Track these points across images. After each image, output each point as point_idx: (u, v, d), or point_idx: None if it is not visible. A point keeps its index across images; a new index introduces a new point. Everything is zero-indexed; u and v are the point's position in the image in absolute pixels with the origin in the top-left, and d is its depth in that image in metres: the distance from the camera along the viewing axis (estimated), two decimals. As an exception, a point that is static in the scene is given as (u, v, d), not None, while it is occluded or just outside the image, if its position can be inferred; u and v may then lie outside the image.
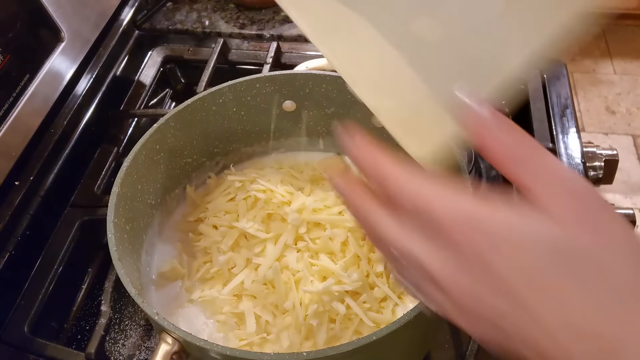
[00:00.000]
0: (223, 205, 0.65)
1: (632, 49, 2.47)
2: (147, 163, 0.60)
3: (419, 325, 0.50)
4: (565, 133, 0.77)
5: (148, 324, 0.65)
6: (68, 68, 0.77)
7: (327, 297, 0.55)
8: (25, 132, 0.70)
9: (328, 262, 0.58)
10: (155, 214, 0.64)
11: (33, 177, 0.70)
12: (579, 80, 2.35)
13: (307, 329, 0.54)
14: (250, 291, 0.57)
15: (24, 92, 0.68)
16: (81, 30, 0.79)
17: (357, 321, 0.55)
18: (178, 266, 0.61)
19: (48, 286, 0.65)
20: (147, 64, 0.91)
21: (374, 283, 0.57)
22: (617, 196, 1.93)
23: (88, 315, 0.67)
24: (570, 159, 0.74)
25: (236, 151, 0.71)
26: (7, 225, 0.66)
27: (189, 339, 0.44)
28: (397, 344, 0.48)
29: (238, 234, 0.61)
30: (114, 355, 0.63)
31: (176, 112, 0.61)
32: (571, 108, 0.80)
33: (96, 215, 0.71)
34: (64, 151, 0.76)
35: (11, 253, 0.66)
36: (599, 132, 2.15)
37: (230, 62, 0.91)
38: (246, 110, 0.67)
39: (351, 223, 0.60)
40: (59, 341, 0.65)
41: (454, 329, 0.64)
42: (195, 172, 0.69)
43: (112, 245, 0.50)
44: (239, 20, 0.98)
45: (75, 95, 0.79)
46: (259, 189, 0.64)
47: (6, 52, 0.66)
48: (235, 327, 0.57)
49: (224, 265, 0.59)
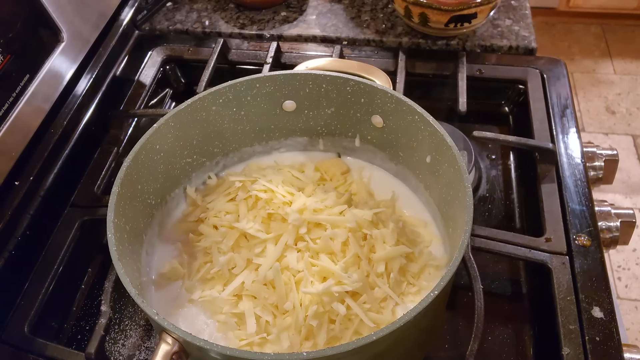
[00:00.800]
0: (223, 206, 0.65)
1: (632, 49, 2.47)
2: (147, 163, 0.60)
3: (419, 325, 0.50)
4: (565, 133, 0.77)
5: (148, 324, 0.65)
6: (68, 68, 0.77)
7: (327, 297, 0.55)
8: (25, 132, 0.70)
9: (328, 262, 0.58)
10: (155, 214, 0.64)
11: (33, 177, 0.70)
12: (579, 80, 2.35)
13: (307, 330, 0.54)
14: (251, 291, 0.57)
15: (24, 92, 0.68)
16: (81, 31, 0.79)
17: (357, 321, 0.55)
18: (178, 266, 0.61)
19: (48, 286, 0.65)
20: (147, 64, 0.91)
21: (374, 283, 0.57)
22: (617, 196, 1.93)
23: (88, 315, 0.67)
24: (570, 159, 0.74)
25: (236, 151, 0.71)
26: (7, 225, 0.66)
27: (189, 339, 0.44)
28: (397, 344, 0.48)
29: (238, 235, 0.61)
30: (114, 355, 0.63)
31: (176, 112, 0.61)
32: (571, 108, 0.80)
33: (96, 215, 0.71)
34: (64, 151, 0.76)
35: (11, 253, 0.66)
36: (599, 132, 2.15)
37: (230, 62, 0.91)
38: (246, 110, 0.67)
39: (352, 223, 0.60)
40: (59, 341, 0.65)
41: (454, 329, 0.64)
42: (195, 172, 0.69)
43: (112, 245, 0.50)
44: (239, 20, 0.98)
45: (75, 95, 0.79)
46: (260, 189, 0.64)
47: (6, 52, 0.66)
48: (235, 327, 0.57)
49: (224, 265, 0.59)
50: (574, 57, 2.45)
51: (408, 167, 0.67)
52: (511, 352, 0.62)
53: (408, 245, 0.60)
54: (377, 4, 0.99)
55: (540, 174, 0.73)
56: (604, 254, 0.64)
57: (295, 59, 0.90)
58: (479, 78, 0.85)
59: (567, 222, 0.67)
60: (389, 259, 0.58)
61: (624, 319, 1.64)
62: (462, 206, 0.52)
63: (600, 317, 0.59)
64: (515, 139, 0.76)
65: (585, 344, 0.57)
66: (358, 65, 0.75)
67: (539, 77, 0.84)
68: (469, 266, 0.60)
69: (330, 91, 0.65)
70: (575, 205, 0.69)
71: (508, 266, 0.70)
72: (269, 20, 0.98)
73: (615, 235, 0.70)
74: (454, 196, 0.56)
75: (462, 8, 0.82)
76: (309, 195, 0.65)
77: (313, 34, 0.95)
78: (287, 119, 0.69)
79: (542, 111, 0.80)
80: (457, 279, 0.65)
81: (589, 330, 0.58)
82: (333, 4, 1.00)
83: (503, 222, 0.74)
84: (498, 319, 0.64)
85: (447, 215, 0.60)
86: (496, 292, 0.68)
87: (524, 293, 0.68)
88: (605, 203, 0.73)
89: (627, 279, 1.73)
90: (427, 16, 0.84)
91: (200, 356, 0.46)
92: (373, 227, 0.61)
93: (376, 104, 0.63)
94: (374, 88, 0.62)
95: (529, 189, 0.76)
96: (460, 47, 0.90)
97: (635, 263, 1.76)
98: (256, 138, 0.71)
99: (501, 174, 0.80)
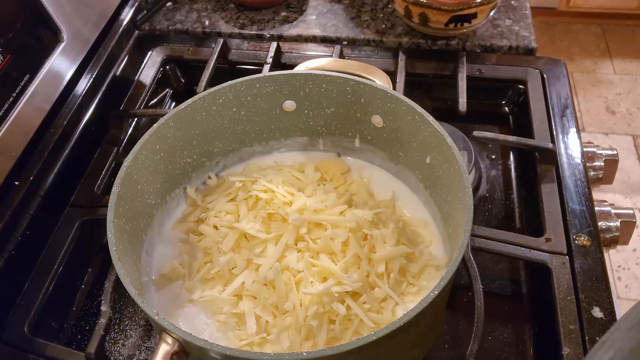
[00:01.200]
0: (224, 206, 0.65)
1: (632, 49, 2.47)
2: (147, 163, 0.60)
3: (419, 325, 0.50)
4: (565, 133, 0.77)
5: (148, 324, 0.65)
6: (68, 68, 0.77)
7: (327, 298, 0.55)
8: (26, 132, 0.70)
9: (328, 262, 0.58)
10: (155, 214, 0.64)
11: (33, 177, 0.70)
12: (579, 80, 2.35)
13: (307, 330, 0.54)
14: (251, 292, 0.57)
15: (24, 92, 0.68)
16: (81, 31, 0.80)
17: (357, 322, 0.55)
18: (178, 266, 0.61)
19: (48, 286, 0.65)
20: (147, 64, 0.91)
21: (374, 283, 0.57)
22: (617, 196, 1.93)
23: (88, 315, 0.67)
24: (570, 159, 0.74)
25: (236, 151, 0.71)
26: (7, 225, 0.66)
27: (189, 339, 0.44)
28: (397, 344, 0.48)
29: (239, 235, 0.61)
30: (114, 355, 0.63)
31: (176, 112, 0.61)
32: (571, 108, 0.80)
33: (96, 215, 0.71)
34: (64, 151, 0.76)
35: (11, 253, 0.66)
36: (599, 132, 2.15)
37: (230, 62, 0.91)
38: (246, 110, 0.67)
39: (352, 223, 0.60)
40: (59, 341, 0.65)
41: (454, 329, 0.64)
42: (196, 172, 0.69)
43: (112, 245, 0.50)
44: (239, 20, 0.98)
45: (75, 95, 0.79)
46: (260, 189, 0.64)
47: (6, 52, 0.66)
48: (235, 327, 0.57)
49: (224, 265, 0.59)
50: (574, 57, 2.45)
51: (408, 167, 0.67)
52: (511, 352, 0.62)
53: (408, 245, 0.60)
54: (377, 4, 0.99)
55: (540, 174, 0.73)
56: (604, 254, 0.65)
57: (295, 59, 0.90)
58: (479, 78, 0.85)
59: (567, 222, 0.67)
60: (389, 259, 0.58)
61: (624, 319, 1.63)
62: (462, 206, 0.52)
63: (600, 317, 0.59)
64: (515, 139, 0.76)
65: (585, 344, 0.57)
66: (358, 65, 0.75)
67: (539, 77, 0.84)
68: (469, 266, 0.60)
69: (330, 91, 0.65)
70: (575, 205, 0.69)
71: (508, 266, 0.70)
72: (269, 20, 0.98)
73: (615, 235, 0.70)
74: (454, 196, 0.56)
75: (462, 8, 0.82)
76: (309, 195, 0.65)
77: (313, 34, 0.95)
78: (287, 119, 0.69)
79: (542, 111, 0.80)
80: (457, 279, 0.65)
81: (589, 330, 0.58)
82: (333, 4, 1.00)
83: (503, 222, 0.74)
84: (498, 319, 0.64)
85: (447, 215, 0.60)
86: (496, 292, 0.68)
87: (524, 293, 0.68)
88: (605, 203, 0.73)
89: (627, 279, 1.73)
90: (427, 16, 0.84)
91: (200, 356, 0.46)
92: (373, 227, 0.61)
93: (376, 104, 0.63)
94: (374, 88, 0.62)
95: (529, 189, 0.76)
96: (460, 47, 0.90)
97: (635, 263, 1.76)
98: (256, 138, 0.71)
99: (501, 174, 0.80)
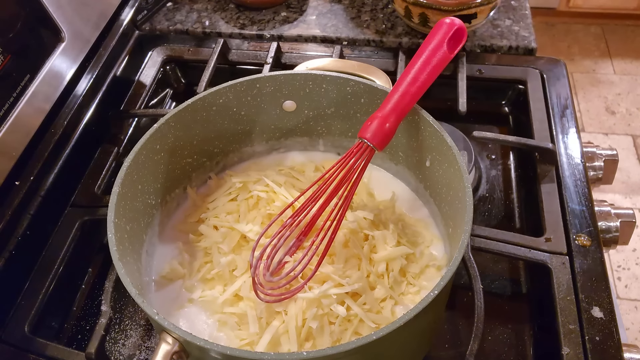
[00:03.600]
0: (224, 206, 0.65)
1: (632, 49, 2.47)
2: (147, 163, 0.60)
3: (419, 325, 0.50)
4: (565, 133, 0.77)
5: (148, 323, 0.65)
6: (68, 68, 0.77)
7: (327, 300, 0.55)
8: (26, 132, 0.70)
9: (325, 266, 0.58)
10: (155, 214, 0.64)
11: (33, 177, 0.70)
12: (579, 80, 2.35)
13: (307, 331, 0.54)
14: (251, 295, 0.57)
15: (24, 92, 0.69)
16: (81, 31, 0.80)
17: (357, 322, 0.55)
18: (178, 267, 0.61)
19: (48, 286, 0.65)
20: (147, 64, 0.91)
21: (374, 283, 0.57)
22: (617, 196, 1.93)
23: (88, 315, 0.67)
24: (570, 159, 0.74)
25: (236, 151, 0.71)
26: (7, 225, 0.66)
27: (189, 339, 0.44)
28: (397, 344, 0.48)
29: (239, 236, 0.61)
30: (114, 355, 0.63)
31: (176, 112, 0.61)
32: (571, 108, 0.80)
33: (96, 215, 0.71)
34: (64, 151, 0.76)
35: (11, 253, 0.66)
36: (599, 132, 2.15)
37: (230, 62, 0.91)
38: (246, 110, 0.67)
39: (352, 224, 0.60)
40: (59, 341, 0.65)
41: (454, 328, 0.64)
42: (196, 172, 0.69)
43: (112, 245, 0.50)
44: (239, 21, 0.98)
45: (76, 95, 0.79)
46: (260, 189, 0.64)
47: (7, 52, 0.66)
48: (235, 327, 0.57)
49: (225, 267, 0.59)
50: (574, 57, 2.45)
51: (408, 167, 0.67)
52: (511, 352, 0.62)
53: (408, 245, 0.60)
54: (377, 4, 0.99)
55: (540, 174, 0.73)
56: (603, 254, 0.65)
57: (295, 59, 0.90)
58: (479, 78, 0.85)
59: (567, 222, 0.67)
60: (389, 260, 0.58)
61: (624, 319, 1.64)
62: (462, 206, 0.53)
63: (600, 317, 0.59)
64: (515, 139, 0.76)
65: (585, 344, 0.57)
66: (358, 65, 0.75)
67: (539, 77, 0.84)
68: (469, 266, 0.60)
69: (330, 91, 0.65)
70: (575, 205, 0.69)
71: (508, 266, 0.70)
72: (269, 21, 0.98)
73: (615, 235, 0.70)
74: (454, 196, 0.56)
75: (462, 8, 0.82)
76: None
77: (313, 34, 0.95)
78: (287, 119, 0.69)
79: (542, 111, 0.80)
80: (457, 279, 0.65)
81: (588, 330, 0.58)
82: (333, 4, 1.00)
83: (503, 222, 0.74)
84: (498, 319, 0.64)
85: (447, 215, 0.60)
86: (496, 292, 0.68)
87: (524, 293, 0.68)
88: (605, 203, 0.73)
89: (627, 279, 1.73)
90: (427, 16, 0.84)
91: (200, 356, 0.46)
92: (374, 228, 0.61)
93: (376, 104, 0.63)
94: (374, 88, 0.62)
95: (528, 189, 0.76)
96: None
97: (635, 263, 1.76)
98: (256, 138, 0.71)
99: (501, 174, 0.80)
